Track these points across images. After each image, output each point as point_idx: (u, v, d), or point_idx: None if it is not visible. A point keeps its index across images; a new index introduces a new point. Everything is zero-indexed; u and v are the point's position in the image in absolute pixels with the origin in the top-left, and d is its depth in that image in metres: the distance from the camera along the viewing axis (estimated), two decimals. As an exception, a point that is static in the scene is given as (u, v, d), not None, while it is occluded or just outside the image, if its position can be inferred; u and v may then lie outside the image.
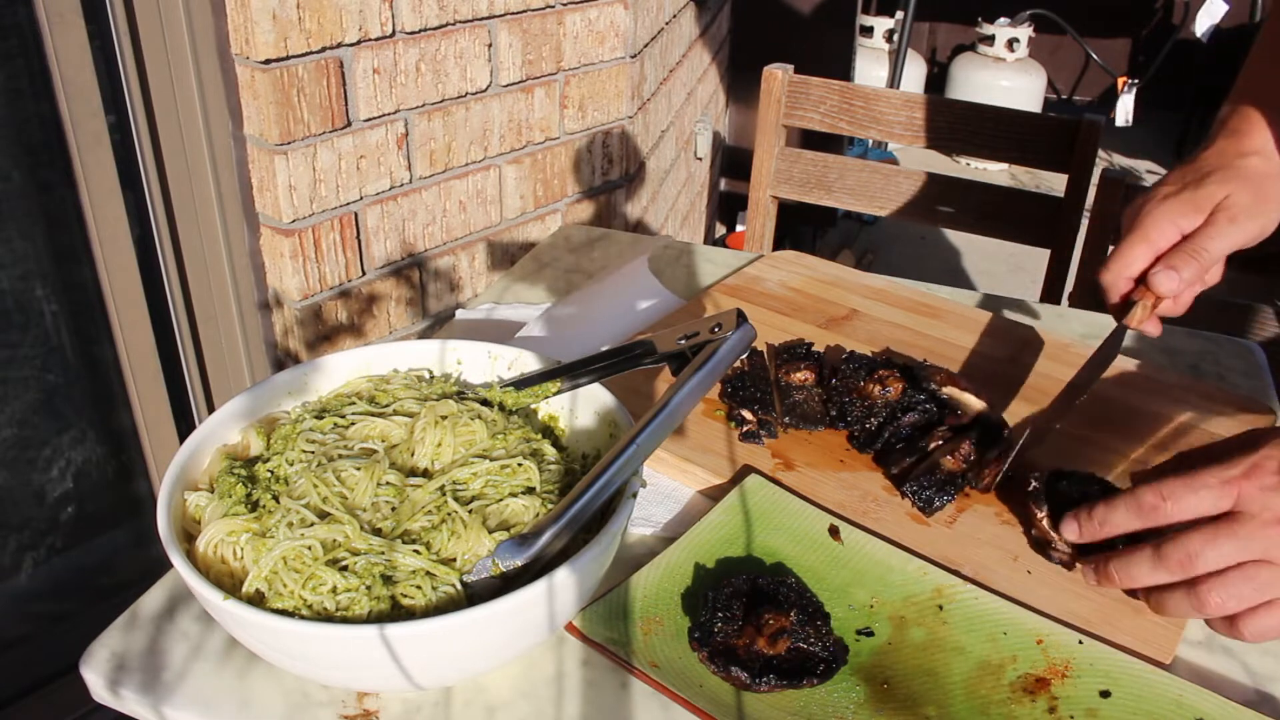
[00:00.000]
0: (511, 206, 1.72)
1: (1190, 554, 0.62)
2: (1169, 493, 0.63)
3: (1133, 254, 0.78)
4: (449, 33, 1.50)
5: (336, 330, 1.51)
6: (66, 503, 1.42)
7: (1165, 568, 0.63)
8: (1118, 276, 0.79)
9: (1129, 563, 0.65)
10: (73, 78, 1.22)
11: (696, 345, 0.65)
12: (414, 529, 0.59)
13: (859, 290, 1.08)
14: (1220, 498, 0.62)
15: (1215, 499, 0.62)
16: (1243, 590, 0.61)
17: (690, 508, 0.77)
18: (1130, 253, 0.78)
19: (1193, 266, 0.76)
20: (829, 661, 0.61)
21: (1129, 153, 4.41)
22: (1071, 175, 1.43)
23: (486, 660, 0.58)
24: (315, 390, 0.72)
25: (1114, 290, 0.80)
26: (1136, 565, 0.64)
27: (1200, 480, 0.62)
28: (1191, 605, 0.62)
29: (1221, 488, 0.62)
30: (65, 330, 1.37)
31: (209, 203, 1.39)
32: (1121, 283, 0.79)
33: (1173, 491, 0.63)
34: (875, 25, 4.08)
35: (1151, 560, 0.63)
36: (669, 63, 2.21)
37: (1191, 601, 0.62)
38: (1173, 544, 0.62)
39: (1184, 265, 0.76)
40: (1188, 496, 0.62)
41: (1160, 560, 0.63)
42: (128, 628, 0.65)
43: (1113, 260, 0.79)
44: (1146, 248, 0.78)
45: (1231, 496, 0.61)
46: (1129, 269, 0.78)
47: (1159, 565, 0.63)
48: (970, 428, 0.80)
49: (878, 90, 1.52)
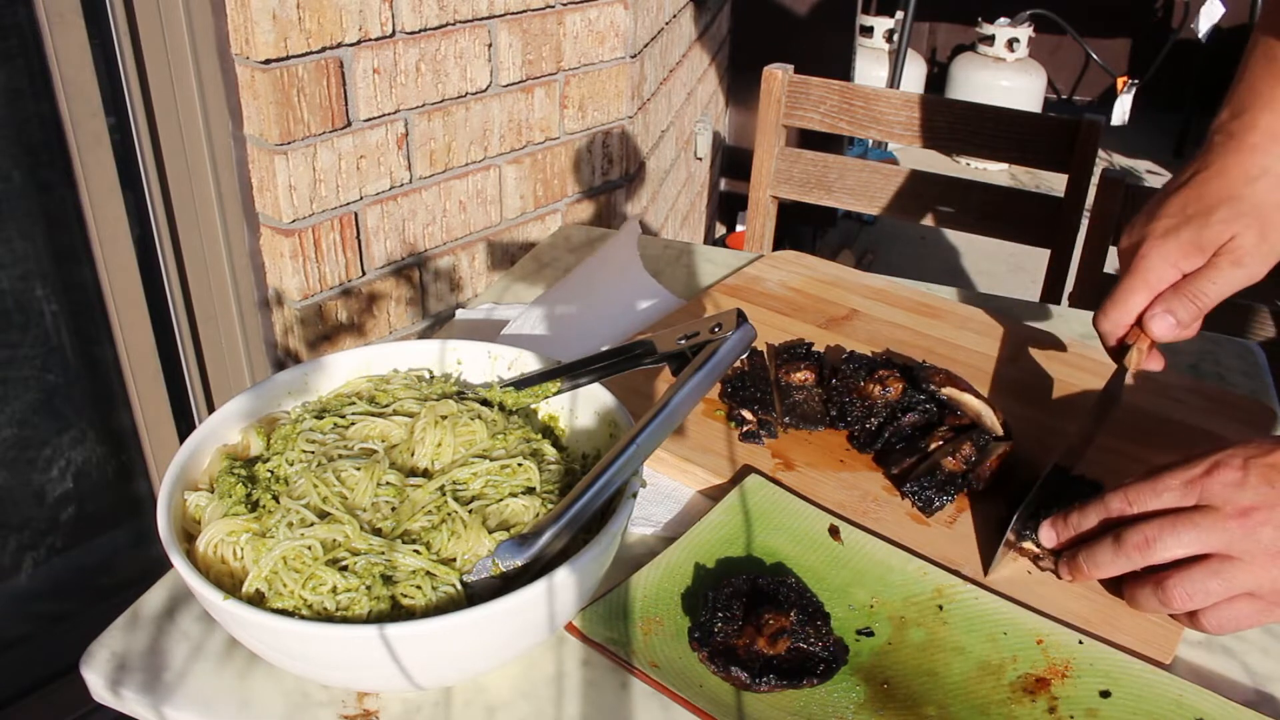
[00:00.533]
0: (511, 206, 1.72)
1: (1147, 538, 0.63)
2: (1134, 497, 0.65)
3: (1131, 301, 0.76)
4: (449, 33, 1.50)
5: (337, 330, 1.51)
6: (66, 503, 1.42)
7: (1124, 553, 0.64)
8: (1115, 324, 0.77)
9: (1093, 551, 0.66)
10: (73, 78, 1.22)
11: (696, 345, 0.65)
12: (414, 529, 0.59)
13: (859, 290, 1.08)
14: (1183, 496, 0.64)
15: (1178, 498, 0.64)
16: (1208, 585, 0.62)
17: (690, 508, 0.77)
18: (1129, 300, 0.76)
19: (1190, 310, 0.74)
20: (829, 661, 0.61)
21: (1129, 153, 4.41)
22: (1071, 175, 1.43)
23: (486, 660, 0.58)
24: (315, 390, 0.72)
25: (1111, 336, 0.78)
26: (1100, 553, 0.66)
27: (1164, 483, 0.65)
28: (1159, 600, 0.64)
29: (1184, 487, 0.64)
30: (65, 330, 1.37)
31: (209, 203, 1.39)
32: (1119, 329, 0.77)
33: (1138, 495, 0.65)
34: (875, 25, 4.08)
35: (1113, 547, 0.65)
36: (669, 63, 2.21)
37: (1159, 596, 0.64)
38: (1132, 529, 0.64)
39: (1181, 309, 0.74)
40: (1151, 499, 0.65)
41: (1119, 546, 0.65)
42: (128, 628, 0.65)
43: (1110, 306, 0.77)
44: (1145, 293, 0.75)
45: (1195, 494, 0.63)
46: (1127, 316, 0.76)
47: (1119, 552, 0.65)
48: (970, 428, 0.80)
49: (878, 90, 1.52)
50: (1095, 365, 0.96)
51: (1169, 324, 0.75)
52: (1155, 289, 0.75)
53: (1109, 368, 0.95)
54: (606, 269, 1.10)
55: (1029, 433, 0.85)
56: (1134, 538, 0.64)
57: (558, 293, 1.06)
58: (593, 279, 1.09)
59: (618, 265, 1.10)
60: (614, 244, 1.13)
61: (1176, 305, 0.74)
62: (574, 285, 1.07)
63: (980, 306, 1.07)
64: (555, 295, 1.05)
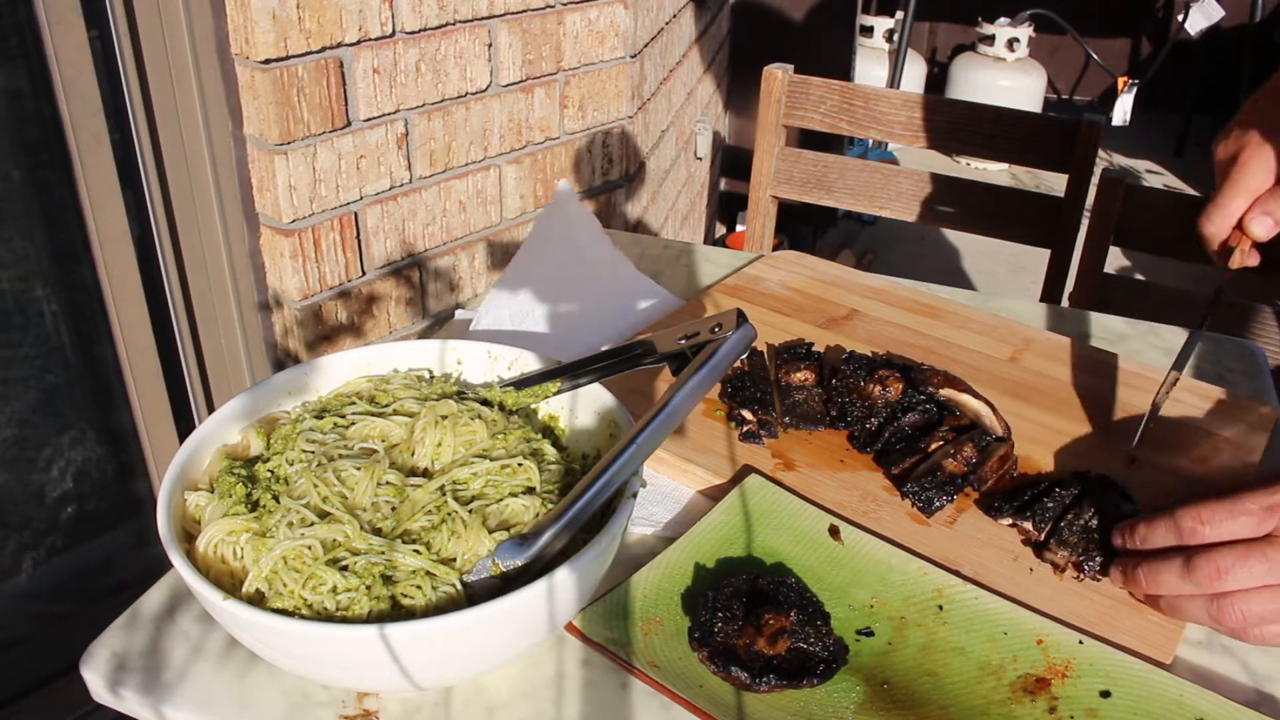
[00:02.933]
0: (511, 206, 1.72)
1: (1220, 569, 0.62)
2: (1208, 517, 0.64)
3: (1232, 205, 0.79)
4: (449, 32, 1.50)
5: (336, 330, 1.51)
6: (66, 503, 1.42)
7: (1193, 580, 0.63)
8: (1220, 227, 0.80)
9: (1158, 570, 0.65)
10: (73, 78, 1.22)
11: (696, 345, 0.65)
12: (414, 529, 0.59)
13: (859, 290, 1.08)
14: (1260, 523, 0.62)
15: (1254, 524, 0.62)
16: (1265, 609, 0.62)
17: (690, 508, 0.77)
18: (1230, 204, 0.79)
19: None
20: (829, 661, 0.61)
21: (1129, 153, 4.41)
22: (1071, 175, 1.43)
23: (486, 660, 0.58)
24: (315, 390, 0.72)
25: (1215, 239, 0.81)
26: (1165, 574, 0.65)
27: (1241, 505, 0.63)
28: (1211, 615, 0.63)
29: (1261, 514, 0.62)
30: (65, 330, 1.37)
31: (209, 203, 1.39)
32: (1223, 232, 0.80)
33: (1212, 516, 0.64)
34: (875, 25, 4.08)
35: (1180, 572, 0.64)
36: (669, 63, 2.21)
37: (1211, 612, 0.63)
38: (1204, 558, 0.63)
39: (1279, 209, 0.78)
40: (1226, 522, 0.63)
41: (1189, 573, 0.63)
42: (128, 628, 0.65)
43: (1214, 210, 0.80)
44: (1246, 197, 0.79)
45: (1271, 522, 0.62)
46: (1231, 219, 0.79)
47: (1187, 577, 0.64)
48: (970, 428, 0.80)
49: (878, 90, 1.52)
50: (1095, 365, 0.96)
51: (1268, 224, 0.78)
52: (1255, 193, 0.78)
53: (1109, 368, 0.96)
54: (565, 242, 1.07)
55: (1029, 433, 0.85)
56: (1206, 568, 0.63)
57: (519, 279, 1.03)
58: (551, 255, 1.06)
59: (568, 229, 1.08)
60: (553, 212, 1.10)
61: (1275, 206, 0.78)
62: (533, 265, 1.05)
63: (980, 306, 1.07)
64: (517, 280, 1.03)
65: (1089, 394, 0.91)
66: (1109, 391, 0.92)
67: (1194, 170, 4.29)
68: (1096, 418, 0.88)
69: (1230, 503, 0.63)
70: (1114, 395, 0.91)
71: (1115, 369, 0.95)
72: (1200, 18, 3.78)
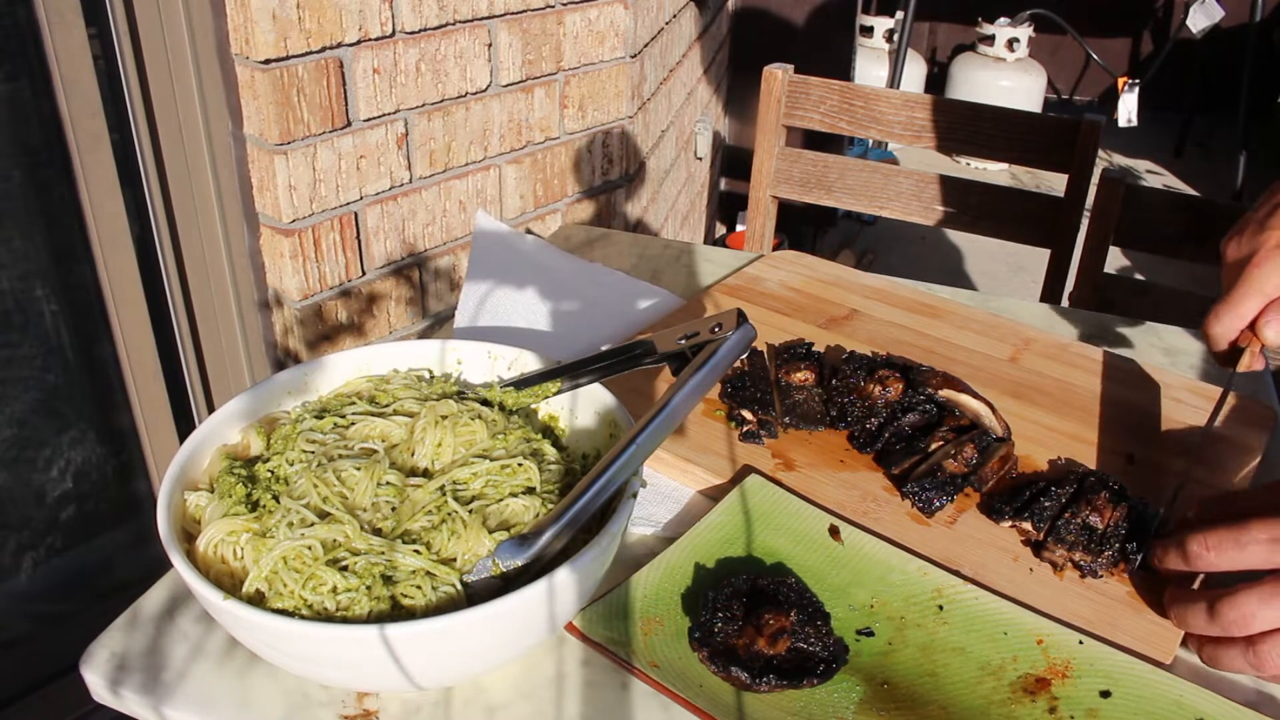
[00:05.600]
0: (511, 206, 1.72)
1: (1246, 615, 0.61)
2: (1214, 544, 0.63)
3: (1244, 306, 0.77)
4: (449, 33, 1.50)
5: (336, 330, 1.51)
6: (66, 503, 1.42)
7: (1220, 626, 0.63)
8: (1229, 329, 0.78)
9: (1185, 611, 0.65)
10: (73, 78, 1.22)
11: (696, 345, 0.65)
12: (414, 529, 0.59)
13: (859, 290, 1.08)
14: (1270, 554, 0.61)
15: (1264, 555, 0.62)
16: None
17: (690, 508, 0.77)
18: (1241, 306, 0.77)
19: None
20: (829, 661, 0.61)
21: (1129, 153, 4.41)
22: (1072, 175, 1.43)
23: (486, 660, 0.58)
24: (315, 390, 0.72)
25: (1223, 340, 0.79)
26: (1192, 616, 0.64)
27: (1249, 535, 0.62)
28: (1249, 663, 0.62)
29: (1270, 545, 0.61)
30: (65, 330, 1.37)
31: (209, 202, 1.39)
32: (1231, 334, 0.79)
33: (1219, 543, 0.63)
34: (875, 25, 4.08)
35: (1207, 617, 0.63)
36: (669, 63, 2.21)
37: (1249, 659, 0.62)
38: (1228, 603, 0.62)
39: None
40: (1234, 551, 0.62)
41: (1215, 618, 0.63)
42: (128, 628, 0.65)
43: (1224, 311, 0.78)
44: (1259, 299, 0.77)
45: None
46: (1243, 321, 0.77)
47: (1214, 622, 0.63)
48: (970, 428, 0.80)
49: (878, 90, 1.52)
50: (1095, 365, 0.96)
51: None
52: (1270, 296, 0.76)
53: (1109, 367, 0.96)
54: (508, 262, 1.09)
55: (1029, 433, 0.85)
56: (1231, 614, 0.62)
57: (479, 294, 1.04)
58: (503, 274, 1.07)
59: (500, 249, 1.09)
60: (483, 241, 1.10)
61: None
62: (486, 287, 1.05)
63: (980, 306, 1.07)
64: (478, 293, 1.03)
65: (1089, 394, 0.91)
66: (1109, 391, 0.92)
67: (1194, 170, 4.29)
68: (1096, 418, 0.88)
69: (1238, 531, 0.62)
70: (1114, 395, 0.91)
71: (1116, 369, 0.95)
72: (1202, 17, 3.78)
